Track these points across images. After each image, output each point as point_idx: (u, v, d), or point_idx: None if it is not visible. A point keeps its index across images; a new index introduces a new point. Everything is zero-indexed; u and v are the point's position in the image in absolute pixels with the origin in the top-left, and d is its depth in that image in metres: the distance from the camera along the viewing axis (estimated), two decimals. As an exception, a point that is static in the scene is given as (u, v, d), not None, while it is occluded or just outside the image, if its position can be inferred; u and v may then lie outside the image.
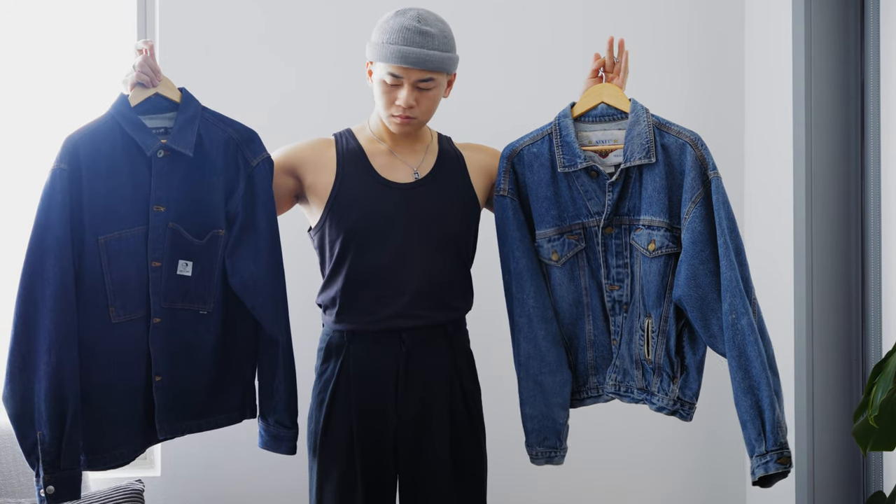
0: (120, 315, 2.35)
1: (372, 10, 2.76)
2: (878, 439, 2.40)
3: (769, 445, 2.31)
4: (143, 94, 2.39)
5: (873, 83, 3.22)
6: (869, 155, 3.25)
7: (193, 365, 2.44)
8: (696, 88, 3.55)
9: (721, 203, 2.39)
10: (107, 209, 2.34)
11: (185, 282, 2.40)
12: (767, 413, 2.31)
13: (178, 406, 2.44)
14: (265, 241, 2.43)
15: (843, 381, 3.30)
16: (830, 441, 3.27)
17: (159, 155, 2.37)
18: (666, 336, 2.45)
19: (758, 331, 2.35)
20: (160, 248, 2.38)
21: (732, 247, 2.38)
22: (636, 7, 3.51)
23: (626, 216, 2.48)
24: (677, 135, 2.44)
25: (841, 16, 3.29)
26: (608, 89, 2.52)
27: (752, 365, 2.33)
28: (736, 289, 2.34)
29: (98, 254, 2.33)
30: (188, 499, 3.19)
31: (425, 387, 2.47)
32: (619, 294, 2.50)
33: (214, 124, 2.44)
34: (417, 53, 2.37)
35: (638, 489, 3.53)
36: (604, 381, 2.54)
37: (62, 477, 2.26)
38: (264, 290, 2.43)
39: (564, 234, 2.50)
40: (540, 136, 2.52)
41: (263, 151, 2.46)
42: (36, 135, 3.23)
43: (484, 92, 3.37)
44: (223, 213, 2.42)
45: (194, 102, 2.43)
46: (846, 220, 3.31)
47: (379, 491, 2.47)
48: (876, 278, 3.23)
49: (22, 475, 2.84)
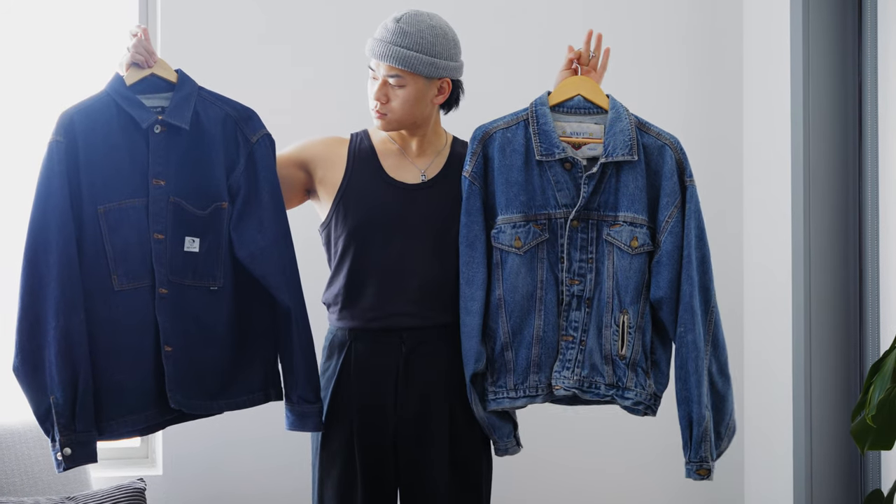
0: (123, 283, 2.37)
1: (376, 10, 2.77)
2: (875, 438, 2.41)
3: (692, 456, 2.46)
4: (138, 74, 2.42)
5: (871, 84, 3.23)
6: (867, 156, 3.26)
7: (209, 342, 2.43)
8: (694, 89, 3.55)
9: (693, 212, 2.44)
10: (105, 180, 2.37)
11: (194, 258, 2.42)
12: (695, 428, 2.44)
13: (192, 381, 2.42)
14: (269, 212, 2.44)
15: (841, 380, 3.31)
16: (828, 440, 3.28)
17: (156, 130, 2.39)
18: (642, 331, 2.46)
19: (703, 346, 2.44)
20: (162, 221, 2.40)
21: (697, 257, 2.44)
22: (635, 8, 3.52)
23: (596, 211, 2.47)
24: (657, 136, 2.46)
25: (839, 17, 3.29)
26: (586, 83, 2.52)
27: (689, 378, 2.43)
28: (688, 303, 2.42)
29: (98, 223, 2.36)
30: (190, 497, 3.19)
31: (425, 386, 2.48)
32: (578, 289, 2.47)
33: (212, 102, 2.46)
34: (384, 48, 2.42)
35: (637, 490, 3.53)
36: (545, 381, 2.48)
37: (78, 439, 2.30)
38: (271, 260, 2.42)
39: (530, 223, 2.47)
40: (514, 122, 2.50)
41: (262, 128, 2.48)
42: (37, 132, 3.15)
43: (484, 92, 3.37)
44: (225, 187, 2.44)
45: (190, 82, 2.46)
46: (844, 219, 3.31)
47: (379, 489, 2.48)
48: (874, 278, 3.23)
49: (25, 474, 2.84)
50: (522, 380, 2.48)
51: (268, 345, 2.48)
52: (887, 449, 2.40)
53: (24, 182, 3.22)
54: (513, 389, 2.48)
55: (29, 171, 3.18)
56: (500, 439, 2.52)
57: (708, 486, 3.48)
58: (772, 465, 3.43)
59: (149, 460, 3.27)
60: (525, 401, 2.48)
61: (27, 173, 3.21)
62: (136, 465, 3.23)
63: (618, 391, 2.46)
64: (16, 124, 3.23)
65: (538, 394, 2.48)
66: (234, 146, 2.45)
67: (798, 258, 3.29)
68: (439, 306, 2.49)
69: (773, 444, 3.42)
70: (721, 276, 3.55)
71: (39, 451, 2.88)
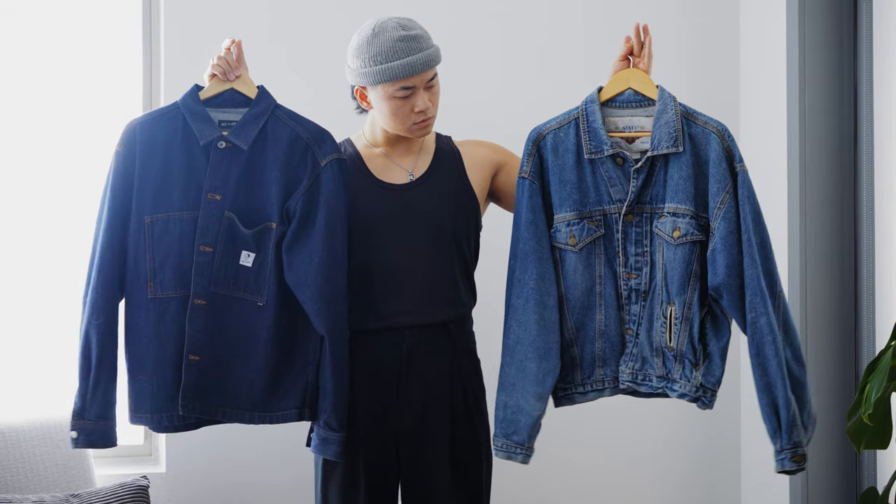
0: (157, 291, 2.45)
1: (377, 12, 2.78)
2: (871, 437, 2.43)
3: (784, 444, 2.37)
4: (218, 87, 2.50)
5: (866, 84, 3.24)
6: (862, 157, 3.27)
7: (248, 355, 2.47)
8: (691, 90, 3.54)
9: (747, 196, 2.39)
10: (157, 192, 2.45)
11: (246, 272, 2.46)
12: (783, 412, 2.36)
13: (221, 390, 2.47)
14: (320, 238, 2.43)
15: (837, 379, 3.32)
16: (824, 438, 3.27)
17: (220, 146, 2.45)
18: (689, 323, 2.43)
19: (777, 329, 2.37)
20: (212, 235, 2.45)
21: (757, 241, 2.39)
22: (632, 10, 3.50)
23: (649, 204, 2.46)
24: (704, 125, 2.43)
25: (834, 19, 3.30)
26: (636, 75, 2.50)
27: (769, 364, 2.36)
28: (756, 286, 2.36)
29: (143, 233, 2.44)
30: (193, 495, 3.19)
31: (426, 384, 2.49)
32: (636, 282, 2.47)
33: (285, 122, 2.49)
34: (422, 58, 2.43)
35: (635, 489, 3.53)
36: (610, 375, 2.50)
37: (85, 427, 2.44)
38: (313, 286, 2.42)
39: (584, 220, 2.47)
40: (566, 121, 2.50)
41: (335, 152, 2.48)
42: (39, 132, 3.24)
43: (484, 92, 3.38)
44: (277, 208, 2.45)
45: (267, 99, 2.50)
46: (839, 220, 3.31)
47: (381, 487, 2.50)
48: (869, 278, 3.24)
49: (30, 471, 2.85)
50: (589, 374, 2.51)
51: (312, 366, 2.49)
52: (883, 448, 2.41)
53: (25, 180, 3.25)
54: (581, 384, 2.51)
55: (32, 170, 3.24)
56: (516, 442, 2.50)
57: (705, 484, 3.49)
58: (769, 463, 3.37)
59: (152, 458, 3.28)
60: (594, 394, 2.51)
61: (30, 171, 3.25)
62: (139, 462, 3.24)
63: (668, 383, 2.46)
64: (15, 124, 3.24)
65: (605, 387, 2.51)
66: (302, 168, 2.46)
67: (794, 259, 3.29)
68: (439, 303, 2.51)
69: (769, 443, 3.39)
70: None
71: (44, 449, 2.90)
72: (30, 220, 3.25)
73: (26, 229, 3.24)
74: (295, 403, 2.48)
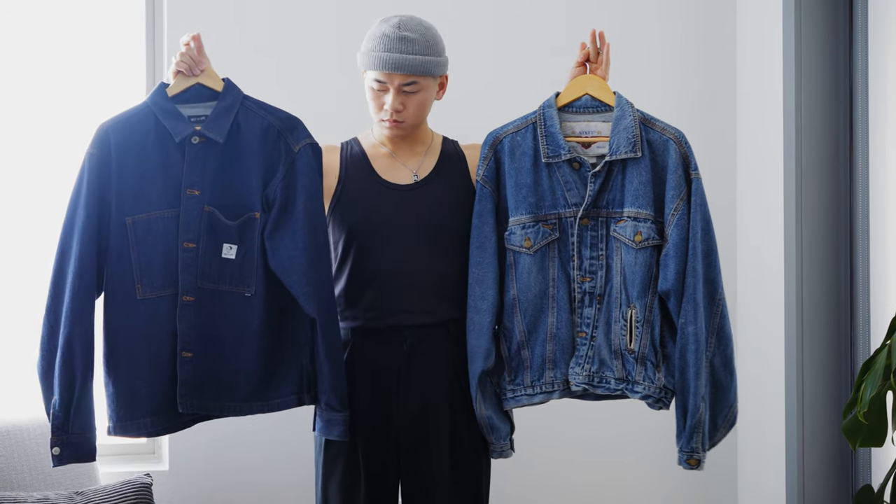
0: (146, 292, 2.42)
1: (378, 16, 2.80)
2: (867, 435, 2.43)
3: (683, 445, 2.46)
4: (184, 83, 2.47)
5: (861, 83, 3.24)
6: (858, 154, 3.27)
7: (240, 347, 2.45)
8: (688, 89, 3.56)
9: (699, 205, 2.44)
10: (136, 192, 2.41)
11: (230, 265, 2.45)
12: (689, 418, 2.43)
13: (215, 385, 2.46)
14: (302, 222, 2.44)
15: (833, 378, 3.32)
16: (820, 437, 3.29)
17: (194, 141, 2.43)
18: (651, 325, 2.46)
19: (704, 339, 2.43)
20: (193, 230, 2.43)
21: (702, 250, 2.44)
22: (630, 9, 3.52)
23: (605, 208, 2.48)
24: (662, 131, 2.47)
25: (830, 19, 3.31)
26: (593, 81, 2.53)
27: (687, 370, 2.43)
28: (692, 295, 2.43)
29: (125, 234, 2.41)
30: (196, 492, 3.20)
31: (426, 383, 2.51)
32: (590, 286, 2.49)
33: (255, 112, 2.48)
34: (397, 59, 2.44)
35: (633, 483, 3.54)
36: (560, 377, 2.51)
37: (69, 440, 2.37)
38: (300, 269, 2.42)
39: (539, 223, 2.49)
40: (524, 125, 2.52)
41: (306, 138, 2.49)
42: (41, 131, 3.23)
43: (476, 91, 3.36)
44: (258, 198, 2.45)
45: (234, 91, 2.49)
46: (836, 219, 3.32)
47: (382, 484, 2.51)
48: (864, 278, 3.25)
49: (34, 469, 2.86)
50: (539, 376, 2.51)
51: (305, 351, 2.49)
52: (878, 446, 2.42)
53: (27, 179, 3.24)
54: (530, 386, 2.51)
55: (34, 168, 3.22)
56: (496, 441, 2.54)
57: (702, 481, 3.47)
58: (765, 461, 3.43)
59: (155, 456, 3.28)
60: (542, 397, 2.51)
61: (32, 169, 3.24)
62: (142, 460, 3.25)
63: (627, 385, 2.47)
64: (18, 124, 3.24)
65: (554, 389, 2.52)
66: (276, 156, 2.47)
67: (790, 258, 3.30)
68: (440, 302, 2.52)
69: (766, 441, 3.42)
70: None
71: (48, 446, 2.88)
72: (32, 221, 3.24)
73: (27, 230, 3.24)
74: (293, 389, 2.49)
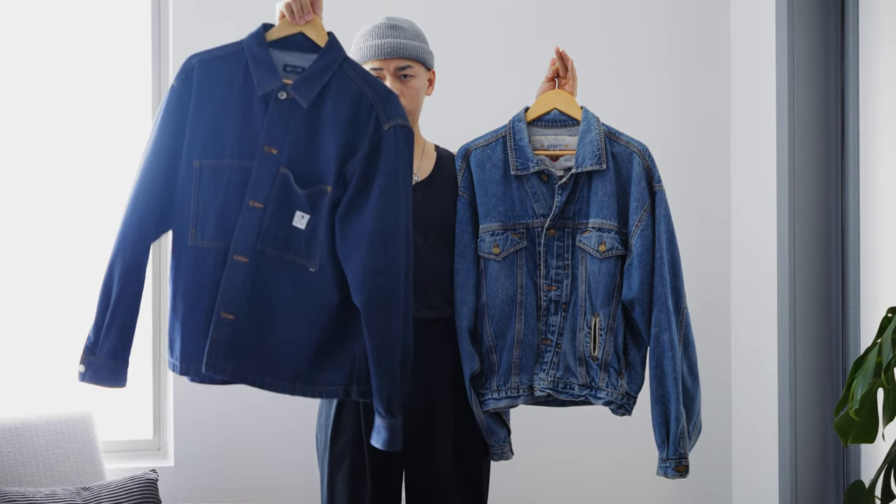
0: (198, 239, 2.29)
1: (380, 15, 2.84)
2: (858, 432, 2.44)
3: (670, 454, 2.48)
4: (286, 29, 2.31)
5: (853, 85, 3.27)
6: (849, 157, 3.30)
7: (295, 322, 2.29)
8: (683, 92, 3.59)
9: (663, 216, 2.49)
10: (209, 136, 2.28)
11: (298, 235, 2.28)
12: (673, 425, 2.47)
13: (258, 355, 2.30)
14: (373, 208, 2.26)
15: (825, 376, 3.35)
16: (812, 433, 3.31)
17: (280, 97, 2.27)
18: (614, 333, 2.50)
19: (678, 345, 2.48)
20: (264, 190, 2.27)
21: (668, 259, 2.49)
22: (625, 14, 3.54)
23: (571, 220, 2.53)
24: (626, 145, 2.52)
25: (821, 22, 3.34)
26: (561, 96, 2.58)
27: (666, 378, 2.47)
28: (663, 304, 2.47)
29: (191, 177, 2.28)
30: (201, 489, 3.20)
31: (429, 382, 2.51)
32: (556, 294, 2.52)
33: (351, 78, 2.30)
34: (392, 44, 2.48)
35: (629, 484, 3.56)
36: (525, 382, 2.53)
37: (94, 362, 2.27)
38: (358, 257, 2.26)
39: (508, 231, 2.53)
40: (494, 139, 2.57)
41: (399, 117, 2.30)
42: (42, 131, 3.24)
43: (474, 94, 3.39)
44: (334, 171, 2.28)
45: (336, 51, 2.31)
46: (827, 220, 3.35)
47: (387, 483, 2.52)
48: (855, 278, 3.28)
49: (42, 465, 2.88)
50: (504, 381, 2.53)
51: (360, 342, 2.32)
52: (869, 442, 2.43)
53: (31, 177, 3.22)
54: (496, 391, 2.53)
55: (38, 167, 3.20)
56: (495, 443, 2.57)
57: (697, 478, 3.45)
58: (758, 457, 3.46)
59: (161, 452, 3.28)
60: (507, 401, 2.53)
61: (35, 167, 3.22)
62: (148, 456, 3.25)
63: (591, 391, 2.51)
64: (19, 124, 3.23)
65: (519, 395, 2.53)
66: (363, 130, 2.28)
67: (783, 258, 3.32)
68: (442, 300, 2.53)
69: (759, 437, 3.45)
70: (709, 276, 3.62)
71: (56, 443, 2.92)
72: (41, 219, 3.25)
73: (37, 228, 3.25)
74: (340, 379, 2.32)
